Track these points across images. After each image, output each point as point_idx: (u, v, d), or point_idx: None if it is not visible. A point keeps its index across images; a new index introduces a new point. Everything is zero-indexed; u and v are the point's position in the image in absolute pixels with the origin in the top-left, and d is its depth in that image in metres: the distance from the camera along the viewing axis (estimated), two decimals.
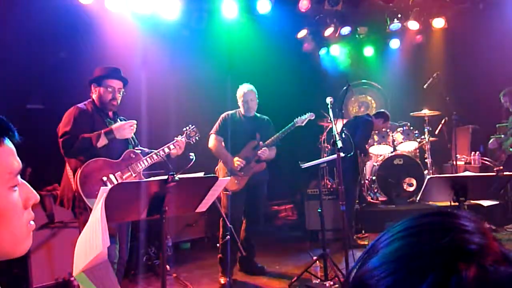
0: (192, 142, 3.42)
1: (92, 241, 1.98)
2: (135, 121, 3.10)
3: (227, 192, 4.02)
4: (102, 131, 2.96)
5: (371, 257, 0.53)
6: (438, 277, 0.45)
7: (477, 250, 0.47)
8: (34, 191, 0.83)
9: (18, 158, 0.79)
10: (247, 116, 4.22)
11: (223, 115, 4.25)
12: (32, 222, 0.83)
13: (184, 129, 3.42)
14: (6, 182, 0.76)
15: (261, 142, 4.12)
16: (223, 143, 4.18)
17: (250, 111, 4.19)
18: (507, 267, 0.47)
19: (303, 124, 4.20)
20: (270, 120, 4.34)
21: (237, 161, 4.04)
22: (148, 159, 3.15)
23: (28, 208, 0.82)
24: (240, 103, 4.23)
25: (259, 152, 4.06)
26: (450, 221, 0.52)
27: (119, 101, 3.18)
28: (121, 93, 3.19)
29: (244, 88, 4.21)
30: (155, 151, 3.19)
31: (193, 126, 3.45)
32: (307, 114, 4.24)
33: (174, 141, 3.24)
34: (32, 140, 4.33)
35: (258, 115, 4.31)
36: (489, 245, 0.48)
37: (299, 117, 4.21)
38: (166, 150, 3.19)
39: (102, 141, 2.94)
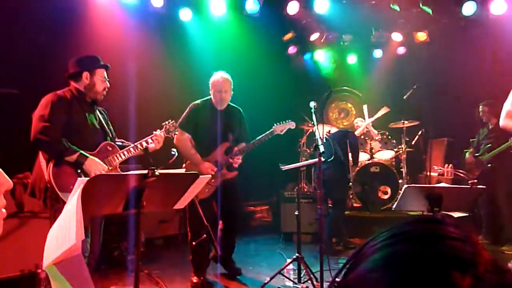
0: (171, 137, 3.37)
1: (65, 233, 1.91)
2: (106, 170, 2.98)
3: (196, 199, 3.78)
4: (79, 153, 2.85)
5: (360, 263, 0.52)
6: (431, 284, 0.45)
7: (470, 258, 0.47)
8: (7, 177, 0.78)
9: None
10: (218, 108, 3.82)
11: (191, 106, 3.82)
12: (3, 210, 0.78)
13: (164, 123, 3.35)
14: None
15: (235, 148, 3.82)
16: (191, 140, 3.80)
17: (223, 103, 3.78)
18: (499, 277, 0.47)
19: (282, 133, 3.93)
20: (242, 112, 3.98)
21: (208, 169, 3.67)
22: (125, 152, 3.09)
23: (1, 195, 0.77)
24: (212, 93, 3.82)
25: (232, 160, 3.75)
26: (440, 228, 0.51)
27: None
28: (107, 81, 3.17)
29: (219, 77, 3.78)
30: (133, 144, 3.13)
31: (173, 121, 3.39)
32: (287, 122, 3.94)
33: (153, 135, 3.19)
34: (5, 126, 4.20)
35: (230, 105, 3.90)
36: (480, 254, 0.48)
37: (277, 124, 3.90)
38: (144, 144, 3.14)
39: (70, 160, 2.83)
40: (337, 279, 0.56)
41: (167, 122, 3.36)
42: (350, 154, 5.15)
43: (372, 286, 0.48)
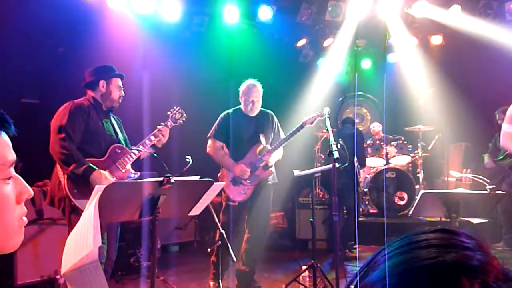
0: (179, 125, 3.33)
1: (83, 239, 1.95)
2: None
3: (233, 203, 3.68)
4: (87, 166, 2.86)
5: (372, 270, 0.53)
6: None
7: (480, 267, 0.47)
8: (28, 186, 0.81)
9: (12, 151, 0.77)
10: (249, 115, 3.83)
11: (221, 116, 3.87)
12: (24, 218, 0.81)
13: (169, 112, 3.30)
14: (0, 174, 0.74)
15: (267, 146, 3.79)
16: (224, 147, 3.81)
17: (254, 111, 3.79)
18: (508, 285, 0.47)
19: (312, 125, 3.83)
20: (273, 115, 3.96)
21: (243, 171, 3.67)
22: (135, 152, 3.12)
23: (21, 203, 0.80)
24: (242, 101, 3.82)
25: (263, 157, 3.72)
26: (451, 238, 0.52)
27: None
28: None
29: (251, 85, 3.80)
30: (139, 143, 3.16)
31: (178, 108, 3.33)
32: (315, 112, 3.80)
33: (156, 130, 3.21)
34: (26, 135, 4.28)
35: (261, 110, 3.90)
36: (490, 263, 0.49)
37: (306, 117, 3.79)
38: (150, 140, 3.16)
39: (78, 172, 2.85)
40: (351, 287, 0.56)
41: (172, 110, 3.30)
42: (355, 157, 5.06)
43: None
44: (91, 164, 2.89)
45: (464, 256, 0.48)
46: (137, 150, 3.12)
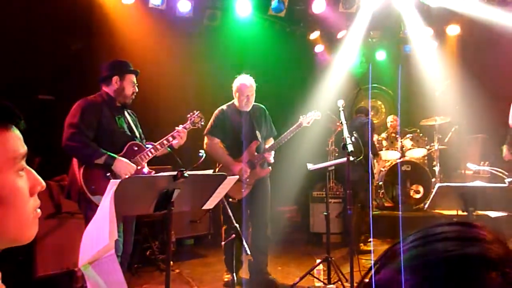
0: (198, 128, 3.39)
1: (99, 233, 1.99)
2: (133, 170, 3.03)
3: (233, 200, 3.70)
4: (107, 155, 2.92)
5: (388, 263, 0.52)
6: (463, 284, 0.45)
7: (500, 259, 0.47)
8: (40, 178, 0.83)
9: (24, 144, 0.79)
10: (242, 110, 3.86)
11: (216, 112, 3.87)
12: (38, 210, 0.83)
13: (189, 115, 3.35)
14: (13, 167, 0.76)
15: (266, 146, 3.86)
16: (220, 144, 3.85)
17: (248, 106, 3.82)
18: None
19: (309, 125, 3.92)
20: (265, 109, 4.01)
21: (243, 170, 3.71)
22: (152, 150, 3.16)
23: (34, 195, 0.82)
24: (236, 96, 3.84)
25: (266, 155, 3.78)
26: (469, 230, 0.52)
27: None
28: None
29: (243, 80, 3.81)
30: (157, 142, 3.19)
31: (198, 112, 3.38)
32: (312, 112, 3.92)
33: (175, 131, 3.24)
34: (43, 130, 4.37)
35: (254, 104, 3.92)
36: (509, 255, 0.48)
37: (303, 116, 3.89)
38: (170, 139, 3.19)
39: (99, 162, 2.91)
40: (365, 280, 0.56)
41: (191, 113, 3.36)
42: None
43: (400, 285, 0.49)
44: (110, 153, 2.94)
45: (482, 249, 0.48)
46: (154, 149, 3.15)
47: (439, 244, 0.50)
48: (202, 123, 3.43)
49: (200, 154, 2.62)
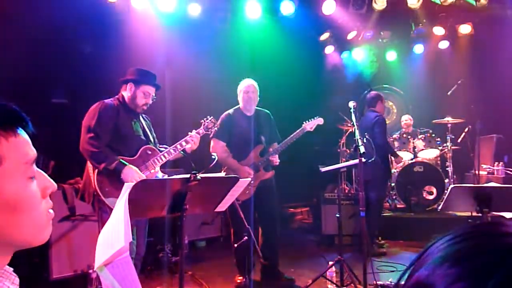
0: (210, 133, 3.42)
1: (114, 235, 2.01)
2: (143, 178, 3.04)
3: (238, 202, 3.80)
4: (118, 161, 2.94)
5: (424, 263, 0.53)
6: (504, 276, 0.45)
7: None
8: (51, 180, 0.84)
9: (32, 147, 0.80)
10: (248, 115, 3.98)
11: (223, 116, 3.99)
12: (51, 211, 0.84)
13: (202, 120, 3.38)
14: (24, 173, 0.77)
15: (270, 149, 3.95)
16: (225, 147, 3.94)
17: (251, 104, 3.95)
18: None
19: (312, 130, 4.01)
20: (270, 114, 4.13)
21: (247, 173, 3.81)
22: (166, 154, 3.18)
23: (47, 197, 0.83)
24: (240, 97, 3.98)
25: (271, 157, 3.89)
26: (501, 228, 0.52)
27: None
28: (152, 98, 3.24)
29: (245, 82, 3.97)
30: (171, 147, 3.22)
31: (211, 117, 3.42)
32: (315, 118, 4.03)
33: (188, 136, 3.26)
34: (57, 134, 4.43)
35: (257, 108, 4.05)
36: None
37: (307, 122, 4.01)
38: (184, 144, 3.21)
39: (110, 167, 2.94)
40: (401, 282, 0.57)
41: (205, 119, 3.39)
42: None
43: (439, 282, 0.49)
44: (122, 160, 2.97)
45: None
46: (168, 153, 3.17)
47: (478, 240, 0.51)
48: (216, 128, 3.46)
49: (213, 157, 2.64)
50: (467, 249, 0.50)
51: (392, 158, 5.42)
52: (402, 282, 0.56)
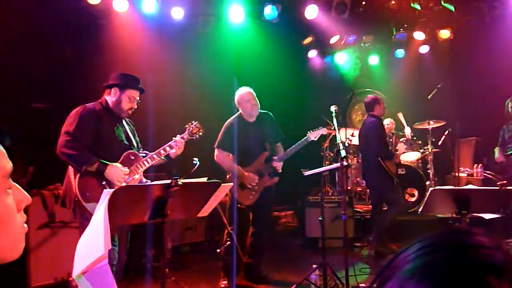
0: (196, 139, 3.39)
1: (93, 243, 1.98)
2: (127, 175, 3.03)
3: (241, 206, 3.91)
4: (99, 162, 2.91)
5: (393, 274, 0.53)
6: None
7: (503, 265, 0.48)
8: (25, 193, 0.82)
9: (9, 160, 0.78)
10: (250, 121, 4.06)
11: (226, 125, 4.05)
12: (25, 225, 0.82)
13: (187, 126, 3.37)
14: (1, 185, 0.75)
15: (274, 157, 4.04)
16: (230, 156, 4.01)
17: (254, 113, 4.02)
18: None
19: (315, 139, 4.10)
20: (271, 114, 4.20)
21: (252, 179, 3.93)
22: (149, 159, 3.15)
23: (21, 211, 0.81)
24: (242, 107, 4.04)
25: (275, 164, 3.99)
26: (470, 238, 0.52)
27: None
28: (137, 103, 3.22)
29: (243, 90, 4.04)
30: (154, 152, 3.19)
31: (196, 122, 3.40)
32: (320, 128, 4.12)
33: (172, 141, 3.24)
34: (36, 139, 4.34)
35: (260, 112, 4.10)
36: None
37: (311, 131, 4.08)
38: (168, 149, 3.19)
39: (91, 169, 2.90)
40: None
41: (189, 124, 3.38)
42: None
43: None
44: (102, 160, 2.93)
45: (487, 256, 0.49)
46: (151, 158, 3.14)
47: (445, 253, 0.50)
48: (200, 133, 3.43)
49: (194, 162, 2.63)
50: (434, 264, 0.50)
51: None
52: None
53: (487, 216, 4.70)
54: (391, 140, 6.42)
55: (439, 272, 0.48)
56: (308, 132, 4.09)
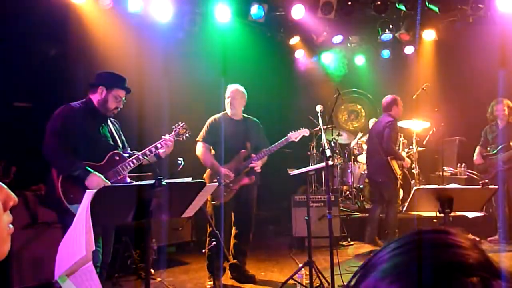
0: (182, 140, 3.36)
1: (75, 244, 1.95)
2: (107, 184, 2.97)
3: (215, 203, 3.90)
4: (83, 169, 2.86)
5: (370, 272, 0.53)
6: None
7: (478, 265, 0.48)
8: (12, 193, 0.81)
9: None
10: (235, 119, 4.07)
11: (210, 120, 4.09)
12: (11, 225, 0.81)
13: (173, 126, 3.35)
14: None
15: (253, 155, 4.00)
16: (212, 150, 4.06)
17: (238, 109, 4.04)
18: (507, 283, 0.48)
19: (296, 140, 4.10)
20: (258, 122, 4.22)
21: (227, 174, 3.90)
22: (134, 160, 3.11)
23: (7, 211, 0.79)
24: (227, 103, 4.06)
25: (252, 164, 3.95)
26: (446, 237, 0.53)
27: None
28: (123, 102, 3.19)
29: (234, 89, 4.06)
30: (141, 152, 3.15)
31: (183, 123, 3.38)
32: (301, 129, 4.13)
33: (161, 140, 3.21)
34: (19, 139, 4.26)
35: (246, 116, 4.17)
36: (487, 261, 0.50)
37: (292, 132, 4.09)
38: (153, 150, 3.15)
39: (74, 174, 2.86)
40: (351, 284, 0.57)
41: (176, 125, 3.35)
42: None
43: None
44: (87, 167, 2.88)
45: (461, 255, 0.49)
46: (136, 159, 3.10)
47: (419, 252, 0.51)
48: (188, 135, 3.40)
49: (179, 162, 2.61)
50: (407, 263, 0.50)
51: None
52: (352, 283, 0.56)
53: (470, 214, 4.79)
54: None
55: (411, 272, 0.49)
56: (289, 132, 4.08)
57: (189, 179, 2.44)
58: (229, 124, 4.04)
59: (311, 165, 5.86)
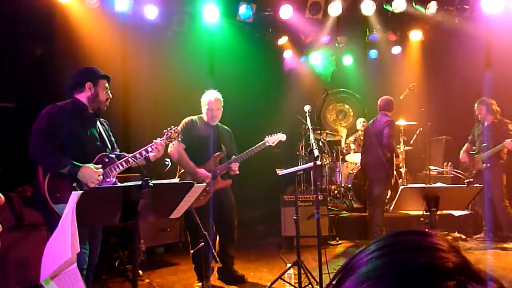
0: (173, 144, 3.34)
1: (61, 247, 1.93)
2: (101, 177, 2.98)
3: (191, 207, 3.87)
4: (72, 164, 2.82)
5: (349, 275, 0.53)
6: None
7: (455, 268, 0.48)
8: None
9: None
10: (211, 124, 4.04)
11: (186, 121, 4.03)
12: None
13: (165, 130, 3.31)
14: None
15: (233, 156, 3.98)
16: (183, 150, 3.95)
17: (214, 120, 4.02)
18: (484, 286, 0.48)
19: (273, 145, 4.10)
20: (231, 132, 4.22)
21: (205, 176, 3.83)
22: (123, 163, 3.07)
23: None
24: (204, 110, 4.03)
25: (232, 165, 3.91)
26: (425, 240, 0.53)
27: None
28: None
29: (211, 96, 4.01)
30: (131, 155, 3.12)
31: (175, 127, 3.35)
32: (278, 134, 4.12)
33: (152, 143, 3.18)
34: (3, 140, 4.20)
35: (220, 124, 4.13)
36: (465, 263, 0.50)
37: (269, 136, 4.09)
38: (144, 153, 3.12)
39: (63, 171, 2.82)
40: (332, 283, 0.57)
41: (168, 129, 3.32)
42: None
43: None
44: (74, 162, 2.84)
45: (438, 258, 0.49)
46: (126, 162, 3.07)
47: (397, 255, 0.51)
48: (179, 139, 3.39)
49: (166, 163, 2.59)
50: (388, 266, 0.50)
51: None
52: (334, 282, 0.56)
53: (456, 213, 4.87)
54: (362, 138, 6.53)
55: (390, 275, 0.49)
56: (266, 136, 4.09)
57: (176, 180, 2.42)
58: (204, 128, 4.02)
59: (300, 165, 5.89)
